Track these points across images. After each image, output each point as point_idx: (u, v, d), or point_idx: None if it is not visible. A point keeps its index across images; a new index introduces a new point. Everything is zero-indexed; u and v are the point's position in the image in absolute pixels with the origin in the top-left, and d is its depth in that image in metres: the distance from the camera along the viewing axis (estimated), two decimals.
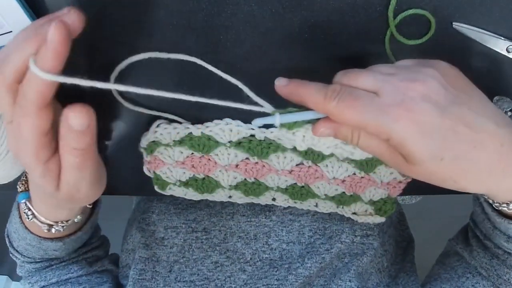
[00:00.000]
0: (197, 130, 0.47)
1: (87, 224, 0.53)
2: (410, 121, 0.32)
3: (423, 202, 1.21)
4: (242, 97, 0.41)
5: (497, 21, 0.41)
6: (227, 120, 0.47)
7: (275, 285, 0.54)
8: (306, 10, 0.41)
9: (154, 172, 0.51)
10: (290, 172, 0.51)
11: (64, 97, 0.35)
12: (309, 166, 0.50)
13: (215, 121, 0.47)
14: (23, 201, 0.46)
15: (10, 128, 0.33)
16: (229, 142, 0.48)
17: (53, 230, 0.47)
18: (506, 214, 0.42)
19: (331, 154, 0.48)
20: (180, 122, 0.48)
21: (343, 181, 0.51)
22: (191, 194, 0.56)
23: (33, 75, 0.29)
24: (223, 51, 0.44)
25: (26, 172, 0.47)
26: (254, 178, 0.53)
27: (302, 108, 0.38)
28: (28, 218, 0.46)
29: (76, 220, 0.48)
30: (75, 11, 0.30)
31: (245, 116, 0.41)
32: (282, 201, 0.56)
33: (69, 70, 0.30)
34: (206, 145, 0.48)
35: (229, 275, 0.56)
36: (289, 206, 0.58)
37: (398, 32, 0.42)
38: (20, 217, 0.49)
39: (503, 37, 0.41)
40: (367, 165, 0.48)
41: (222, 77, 0.43)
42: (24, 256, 0.53)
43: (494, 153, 0.35)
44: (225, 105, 0.36)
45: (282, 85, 0.38)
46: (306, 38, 0.43)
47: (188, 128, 0.47)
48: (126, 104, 0.45)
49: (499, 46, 0.42)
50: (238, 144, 0.48)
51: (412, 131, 0.33)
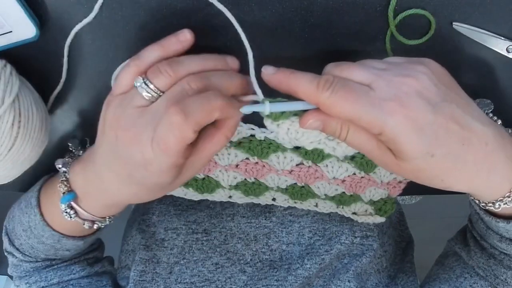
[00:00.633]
0: None
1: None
2: (404, 116, 0.32)
3: (423, 202, 1.21)
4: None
5: (497, 21, 0.41)
6: None
7: (275, 285, 0.54)
8: (306, 10, 0.41)
9: None
10: (290, 172, 0.51)
11: None
12: (309, 166, 0.50)
13: None
14: (67, 203, 0.45)
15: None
16: (229, 142, 0.48)
17: (95, 226, 0.47)
18: (495, 213, 0.42)
19: (331, 155, 0.48)
20: None
21: (343, 181, 0.51)
22: (191, 194, 0.56)
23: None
24: (223, 51, 0.44)
25: (66, 173, 0.45)
26: (254, 178, 0.53)
27: (292, 98, 0.37)
28: (70, 218, 0.45)
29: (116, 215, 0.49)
30: None
31: (245, 116, 0.41)
32: (282, 201, 0.56)
33: None
34: None
35: (229, 276, 0.56)
36: (289, 207, 0.58)
37: (398, 32, 0.42)
38: (41, 214, 0.48)
39: (503, 37, 0.41)
40: (367, 165, 0.48)
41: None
42: (25, 255, 0.52)
43: (480, 151, 0.35)
44: None
45: (269, 73, 0.36)
46: (306, 38, 0.43)
47: None
48: None
49: (499, 46, 0.42)
50: (238, 144, 0.48)
51: (405, 127, 0.32)
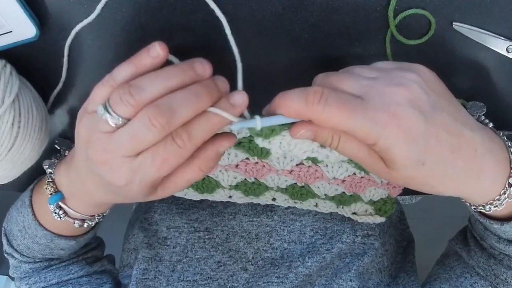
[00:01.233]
0: None
1: (98, 223, 0.53)
2: (397, 127, 0.32)
3: (423, 202, 1.21)
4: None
5: (497, 21, 0.41)
6: None
7: (276, 283, 0.54)
8: (306, 10, 0.41)
9: None
10: (290, 172, 0.51)
11: None
12: (309, 166, 0.50)
13: None
14: (54, 204, 0.45)
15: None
16: None
17: (85, 225, 0.48)
18: (488, 215, 0.43)
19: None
20: None
21: (343, 181, 0.51)
22: (191, 194, 0.56)
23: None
24: (223, 51, 0.44)
25: (52, 174, 0.46)
26: (254, 178, 0.53)
27: None
28: (59, 218, 0.45)
29: (105, 213, 0.49)
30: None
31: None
32: (282, 201, 0.56)
33: None
34: None
35: (231, 274, 0.57)
36: (290, 206, 0.58)
37: (398, 32, 0.42)
38: (33, 214, 0.48)
39: (503, 37, 0.41)
40: None
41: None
42: (23, 255, 0.53)
43: (469, 157, 0.36)
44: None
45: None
46: (306, 38, 0.43)
47: None
48: None
49: (499, 46, 0.42)
50: (238, 144, 0.48)
51: (399, 138, 0.33)
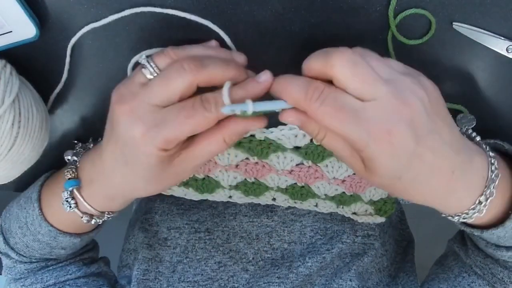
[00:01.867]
0: None
1: (102, 224, 0.52)
2: (387, 143, 0.33)
3: None
4: None
5: (497, 21, 0.41)
6: None
7: (276, 283, 0.54)
8: (306, 10, 0.41)
9: None
10: (290, 172, 0.51)
11: None
12: (309, 166, 0.50)
13: None
14: (70, 189, 0.44)
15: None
16: None
17: (92, 221, 0.47)
18: (469, 223, 0.43)
19: (332, 154, 0.48)
20: None
21: (343, 181, 0.51)
22: (191, 194, 0.56)
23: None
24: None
25: (76, 162, 0.46)
26: (254, 178, 0.53)
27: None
28: (69, 207, 0.45)
29: (114, 213, 0.48)
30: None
31: None
32: (282, 201, 0.56)
33: None
34: None
35: (232, 275, 0.57)
36: (290, 207, 0.58)
37: (398, 32, 0.42)
38: (40, 209, 0.48)
39: (503, 37, 0.41)
40: None
41: None
42: (20, 255, 0.52)
43: (445, 179, 0.36)
44: None
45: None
46: (306, 38, 0.43)
47: None
48: None
49: (499, 46, 0.42)
50: (238, 144, 0.48)
51: (385, 152, 0.33)
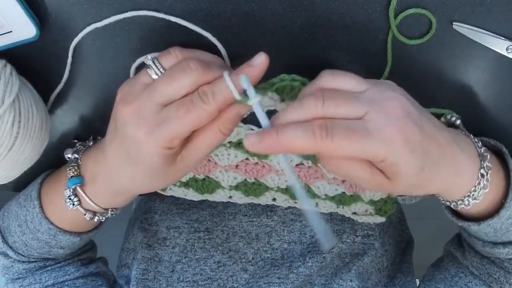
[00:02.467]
0: None
1: (103, 223, 0.52)
2: (402, 140, 0.33)
3: (423, 202, 1.21)
4: None
5: (497, 21, 0.41)
6: None
7: (276, 283, 0.54)
8: (306, 10, 0.41)
9: None
10: None
11: None
12: (309, 166, 0.50)
13: None
14: (73, 186, 0.44)
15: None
16: (229, 142, 0.48)
17: (95, 219, 0.47)
18: (466, 217, 0.44)
19: None
20: None
21: (343, 181, 0.51)
22: (191, 195, 0.56)
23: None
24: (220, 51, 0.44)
25: (78, 159, 0.46)
26: (254, 179, 0.53)
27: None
28: (72, 205, 0.45)
29: (117, 211, 0.49)
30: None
31: (245, 116, 0.41)
32: (282, 201, 0.56)
33: None
34: None
35: (231, 275, 0.57)
36: (290, 206, 0.58)
37: (398, 32, 0.42)
38: (40, 207, 0.48)
39: (503, 37, 0.41)
40: None
41: None
42: (18, 254, 0.51)
43: (449, 155, 0.38)
44: None
45: (254, 143, 0.33)
46: (306, 38, 0.43)
47: None
48: None
49: (499, 46, 0.42)
50: (238, 144, 0.48)
51: (405, 150, 0.33)
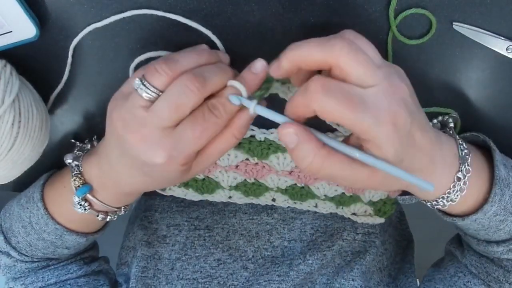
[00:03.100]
0: None
1: (109, 222, 0.53)
2: (392, 125, 0.32)
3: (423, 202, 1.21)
4: None
5: (497, 21, 0.41)
6: None
7: (277, 281, 0.55)
8: (306, 10, 0.41)
9: None
10: (290, 172, 0.51)
11: None
12: None
13: None
14: (83, 195, 0.45)
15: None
16: None
17: (108, 218, 0.48)
18: (448, 213, 0.44)
19: None
20: None
21: None
22: (191, 195, 0.56)
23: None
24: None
25: (79, 166, 0.46)
26: (254, 179, 0.53)
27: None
28: (85, 210, 0.45)
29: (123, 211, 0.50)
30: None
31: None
32: (282, 201, 0.56)
33: None
34: None
35: (231, 273, 0.57)
36: (289, 206, 0.58)
37: (398, 32, 0.42)
38: (45, 208, 0.48)
39: (503, 37, 0.41)
40: None
41: None
42: (21, 254, 0.51)
43: (428, 153, 0.37)
44: None
45: (269, 66, 0.36)
46: (306, 38, 0.43)
47: None
48: None
49: (499, 46, 0.42)
50: (238, 144, 0.48)
51: (391, 135, 0.32)
